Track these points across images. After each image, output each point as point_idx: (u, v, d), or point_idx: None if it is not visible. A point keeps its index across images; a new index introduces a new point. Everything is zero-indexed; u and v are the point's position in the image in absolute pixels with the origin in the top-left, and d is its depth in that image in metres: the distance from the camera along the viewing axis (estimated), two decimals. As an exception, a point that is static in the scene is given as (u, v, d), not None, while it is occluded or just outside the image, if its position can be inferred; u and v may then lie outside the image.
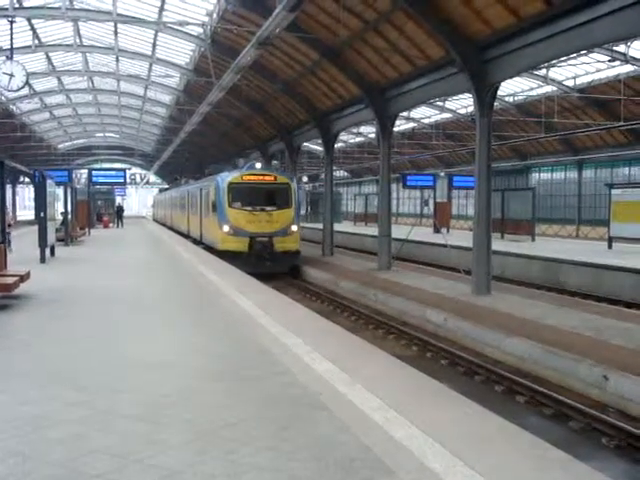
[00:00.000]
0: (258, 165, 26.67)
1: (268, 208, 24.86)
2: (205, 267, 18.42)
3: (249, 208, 24.70)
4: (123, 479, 4.25)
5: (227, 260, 21.36)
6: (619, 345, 11.70)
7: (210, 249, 26.20)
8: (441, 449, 4.70)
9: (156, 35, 32.88)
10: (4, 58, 21.17)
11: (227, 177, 25.63)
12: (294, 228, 25.18)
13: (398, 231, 28.69)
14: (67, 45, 35.21)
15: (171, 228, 47.37)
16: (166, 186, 74.72)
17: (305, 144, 42.35)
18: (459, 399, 6.12)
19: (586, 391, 10.41)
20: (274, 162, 46.14)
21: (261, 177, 25.60)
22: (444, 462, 4.48)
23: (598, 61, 28.08)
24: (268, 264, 23.77)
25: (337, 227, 35.32)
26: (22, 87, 19.07)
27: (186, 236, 36.08)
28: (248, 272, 18.04)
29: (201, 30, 29.25)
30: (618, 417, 9.31)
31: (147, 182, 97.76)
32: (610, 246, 28.01)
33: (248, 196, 24.96)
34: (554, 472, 4.41)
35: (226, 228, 24.50)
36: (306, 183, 69.75)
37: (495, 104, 19.31)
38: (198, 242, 30.55)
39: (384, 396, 5.94)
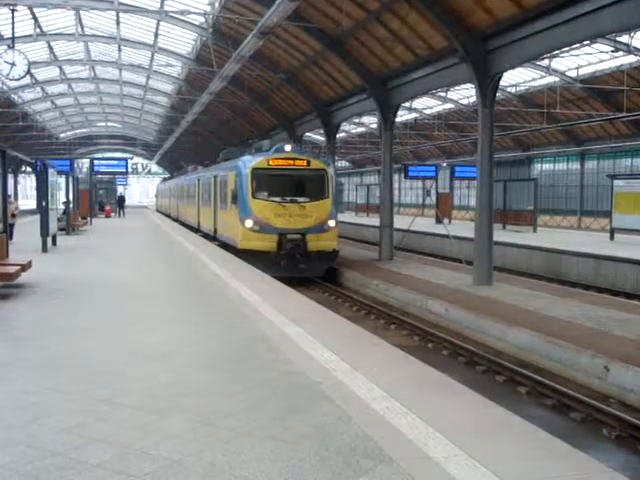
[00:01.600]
0: (288, 147, 21.69)
1: (300, 199, 20.78)
2: (206, 256, 18.43)
3: (277, 199, 20.60)
4: (124, 468, 4.25)
5: (250, 261, 17.72)
6: (621, 336, 11.70)
7: (226, 247, 22.76)
8: (442, 439, 4.71)
9: (158, 24, 32.82)
10: (5, 47, 21.10)
11: (250, 162, 21.32)
12: (332, 223, 21.07)
13: (400, 222, 28.67)
14: (69, 34, 35.14)
15: (177, 220, 44.36)
16: (169, 175, 74.64)
17: (307, 134, 42.27)
18: (460, 389, 6.12)
19: (587, 382, 10.42)
20: None
21: (291, 162, 21.16)
22: (445, 451, 4.48)
23: (601, 51, 27.98)
24: (301, 267, 20.05)
25: (339, 217, 35.29)
26: (24, 76, 19.06)
27: (196, 230, 32.37)
28: (274, 276, 15.05)
29: (203, 19, 29.18)
30: (619, 408, 9.31)
31: (149, 172, 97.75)
32: (612, 237, 27.99)
33: (276, 184, 20.94)
34: (555, 462, 4.41)
35: (249, 223, 20.44)
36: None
37: (497, 94, 19.29)
38: (211, 238, 26.85)
39: (385, 385, 5.94)
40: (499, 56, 16.67)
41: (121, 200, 51.91)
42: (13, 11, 19.46)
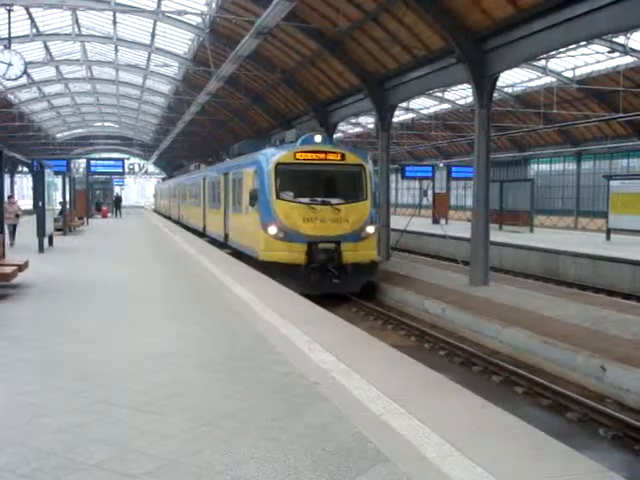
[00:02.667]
0: (318, 138, 18.17)
1: (334, 201, 17.66)
2: (205, 257, 18.41)
3: (306, 200, 17.47)
4: (121, 468, 4.26)
5: (273, 275, 14.68)
6: (617, 336, 11.71)
7: (239, 255, 19.67)
8: (439, 439, 4.71)
9: (155, 24, 32.79)
10: (2, 47, 21.08)
11: (274, 155, 18.01)
12: (370, 229, 17.92)
13: (397, 222, 28.70)
14: (65, 34, 35.11)
15: (178, 222, 41.21)
16: (166, 175, 74.26)
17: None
18: (457, 389, 6.13)
19: (584, 382, 10.44)
20: None
21: (323, 155, 17.92)
22: (442, 452, 4.48)
23: (597, 52, 28.01)
24: (335, 282, 17.01)
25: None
26: (20, 76, 19.05)
27: (201, 235, 29.06)
28: (302, 294, 12.38)
29: (200, 19, 29.17)
30: (615, 408, 9.34)
31: (146, 172, 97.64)
32: (608, 237, 28.03)
33: (305, 183, 17.94)
34: (551, 462, 4.42)
35: (273, 229, 17.22)
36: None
37: (494, 95, 19.29)
38: (221, 245, 23.53)
39: (382, 386, 5.94)
40: (496, 57, 16.69)
41: (118, 200, 51.86)
42: (9, 11, 19.44)
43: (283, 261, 16.92)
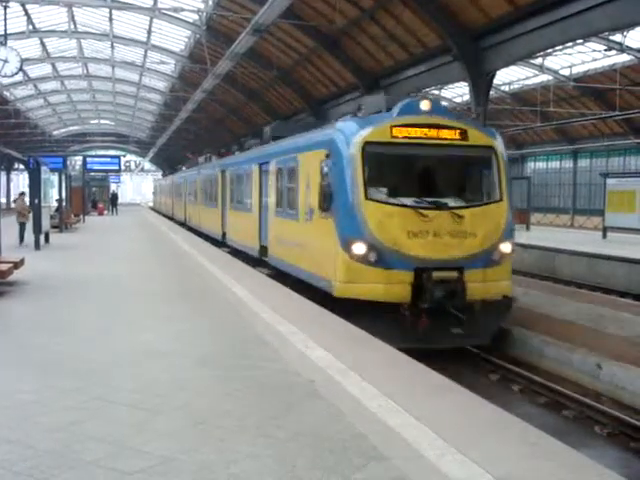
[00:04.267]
0: (425, 105, 11.53)
1: (453, 202, 11.49)
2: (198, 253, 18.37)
3: (412, 202, 11.24)
4: (117, 465, 4.25)
5: (357, 320, 9.41)
6: (613, 334, 11.72)
7: (286, 279, 13.85)
8: (435, 437, 4.71)
9: (151, 21, 32.75)
10: (-2, 44, 21.00)
11: (357, 131, 11.43)
12: (506, 248, 11.69)
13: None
14: (61, 31, 35.05)
15: (183, 224, 35.64)
16: (162, 172, 73.85)
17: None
18: (455, 388, 6.13)
19: (580, 380, 10.44)
20: None
21: (434, 132, 11.49)
22: (438, 450, 4.48)
23: (594, 50, 28.04)
24: (455, 332, 10.98)
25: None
26: (16, 73, 19.00)
27: (220, 243, 23.10)
28: (405, 348, 7.93)
29: (196, 17, 29.13)
30: (611, 405, 9.34)
31: (142, 169, 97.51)
32: (605, 236, 28.06)
33: (409, 175, 11.97)
34: (547, 460, 4.42)
35: (359, 248, 10.99)
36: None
37: (491, 93, 19.29)
38: (257, 261, 17.12)
39: (379, 384, 5.94)
40: (493, 54, 16.71)
41: (114, 198, 51.78)
42: (5, 7, 19.38)
43: (374, 298, 10.74)
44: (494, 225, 11.50)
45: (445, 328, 10.89)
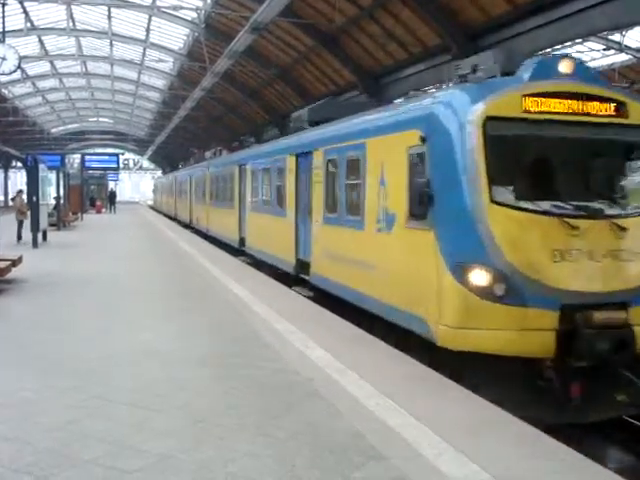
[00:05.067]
0: (567, 65, 7.91)
1: (610, 209, 7.83)
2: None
3: (551, 207, 7.51)
4: (115, 464, 4.25)
5: (466, 375, 7.31)
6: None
7: (337, 304, 10.72)
8: (434, 436, 4.71)
9: (150, 19, 32.70)
10: (-4, 41, 20.97)
11: (472, 103, 7.67)
12: None
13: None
14: (60, 29, 35.01)
15: (186, 225, 33.10)
16: (161, 171, 73.50)
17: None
18: (455, 388, 6.13)
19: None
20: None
21: (580, 104, 7.80)
22: (437, 449, 4.48)
23: (593, 50, 28.01)
24: (620, 399, 7.50)
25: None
26: (14, 71, 18.93)
27: (237, 250, 19.62)
28: (546, 426, 5.59)
29: (195, 15, 29.10)
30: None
31: (140, 167, 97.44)
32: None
33: (548, 167, 8.08)
34: (546, 460, 4.43)
35: (480, 276, 7.24)
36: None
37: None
38: (295, 278, 13.40)
39: (377, 383, 5.93)
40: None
41: (112, 196, 51.72)
42: (3, 4, 19.31)
43: (501, 352, 7.23)
44: None
45: (606, 393, 7.49)
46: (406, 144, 8.41)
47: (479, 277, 7.20)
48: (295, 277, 13.32)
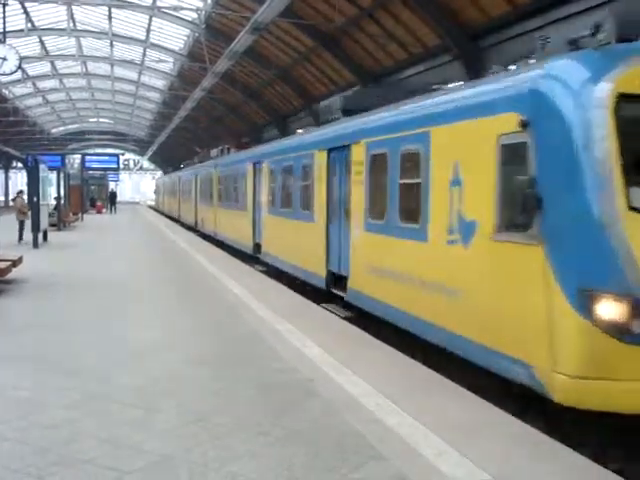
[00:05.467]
0: None
1: None
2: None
3: None
4: (114, 464, 4.24)
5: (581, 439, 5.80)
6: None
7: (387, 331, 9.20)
8: (432, 436, 4.70)
9: (150, 20, 32.73)
10: (-4, 41, 20.97)
11: (595, 76, 5.68)
12: None
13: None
14: (60, 29, 35.04)
15: (190, 227, 31.61)
16: (162, 171, 73.27)
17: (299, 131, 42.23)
18: (454, 388, 6.12)
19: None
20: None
21: None
22: (435, 448, 4.47)
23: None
24: None
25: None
26: (15, 71, 18.92)
27: (254, 259, 17.76)
28: None
29: (195, 15, 29.12)
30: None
31: (141, 168, 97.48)
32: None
33: None
34: (545, 460, 4.42)
35: (613, 308, 5.29)
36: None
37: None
38: (327, 295, 11.68)
39: (376, 383, 5.93)
40: (492, 54, 16.71)
41: (112, 196, 51.72)
42: (4, 5, 19.32)
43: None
44: None
45: None
46: (496, 132, 6.50)
47: (612, 309, 5.33)
48: (326, 292, 11.52)
